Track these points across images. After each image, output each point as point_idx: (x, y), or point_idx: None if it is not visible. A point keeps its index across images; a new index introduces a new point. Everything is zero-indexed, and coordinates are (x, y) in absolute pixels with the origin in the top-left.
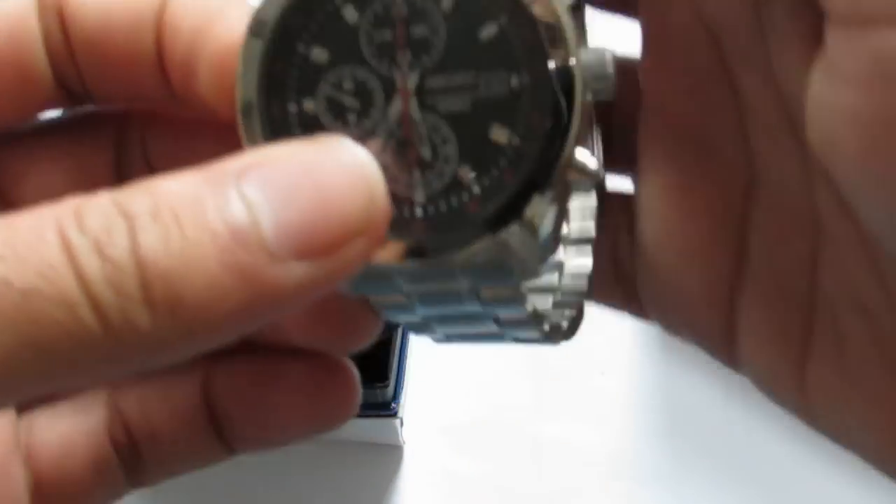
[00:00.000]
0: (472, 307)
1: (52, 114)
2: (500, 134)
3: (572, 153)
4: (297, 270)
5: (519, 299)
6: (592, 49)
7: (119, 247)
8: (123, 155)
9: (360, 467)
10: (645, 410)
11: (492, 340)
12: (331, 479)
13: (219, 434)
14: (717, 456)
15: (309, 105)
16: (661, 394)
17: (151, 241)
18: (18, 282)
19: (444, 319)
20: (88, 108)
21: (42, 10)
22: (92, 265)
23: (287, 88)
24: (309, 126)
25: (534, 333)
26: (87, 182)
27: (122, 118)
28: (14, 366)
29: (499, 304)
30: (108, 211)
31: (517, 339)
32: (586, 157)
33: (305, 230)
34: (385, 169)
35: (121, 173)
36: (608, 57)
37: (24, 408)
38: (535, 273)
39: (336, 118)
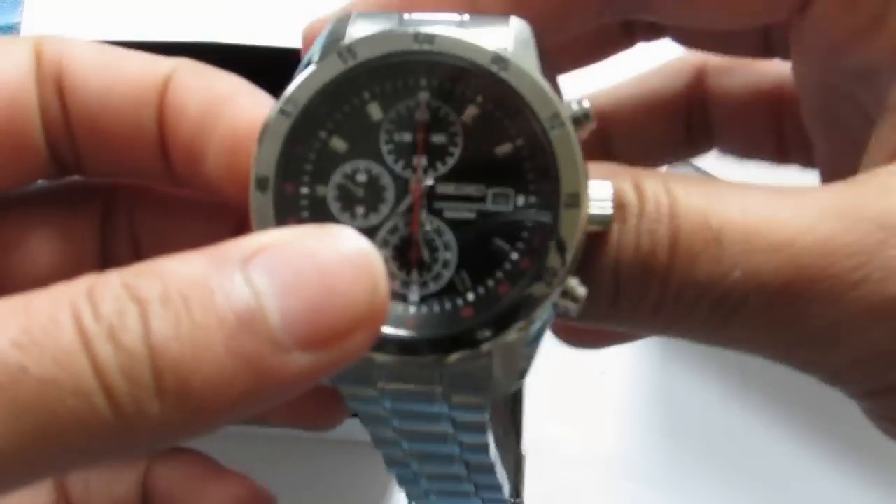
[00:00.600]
0: (441, 414)
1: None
2: (500, 247)
3: (567, 281)
4: (300, 360)
5: (484, 412)
6: (598, 184)
7: (132, 333)
8: (109, 227)
9: (360, 467)
10: (645, 410)
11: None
12: (330, 478)
13: None
14: (717, 456)
15: (321, 190)
16: (661, 394)
17: (163, 328)
18: (36, 370)
19: (412, 435)
20: (76, 178)
21: (41, 81)
22: (106, 353)
23: (303, 171)
24: (317, 211)
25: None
26: (74, 253)
27: (109, 191)
28: (29, 452)
29: (465, 410)
30: (120, 295)
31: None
32: (577, 285)
33: (310, 321)
34: (385, 264)
35: (106, 245)
36: (610, 193)
37: None
38: (504, 392)
39: (345, 207)
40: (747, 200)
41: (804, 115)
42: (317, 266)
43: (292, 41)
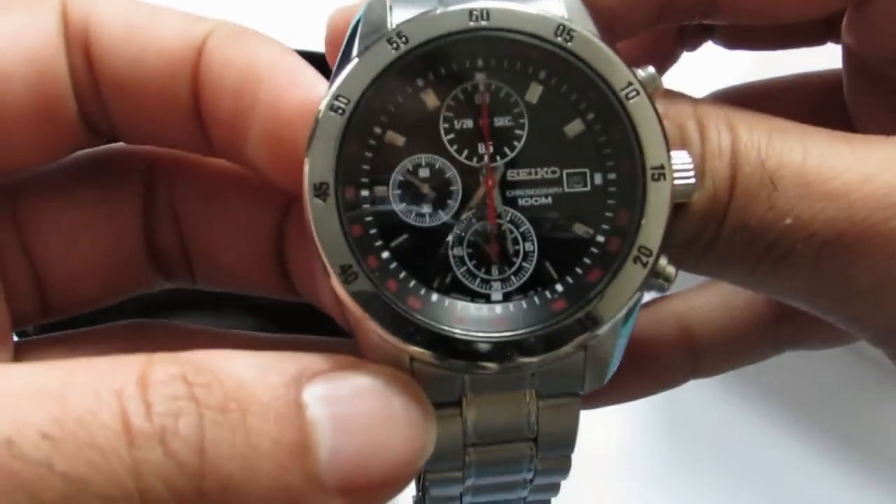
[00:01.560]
0: (521, 481)
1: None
2: (583, 231)
3: (658, 260)
4: (335, 502)
5: (565, 473)
6: (679, 154)
7: (187, 441)
8: (150, 204)
9: None
10: (645, 410)
11: None
12: None
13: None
14: (717, 456)
15: (381, 191)
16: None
17: (218, 441)
18: (64, 466)
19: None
20: (116, 146)
21: (69, 45)
22: (154, 458)
23: (361, 171)
24: (381, 215)
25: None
26: (115, 232)
27: (151, 167)
28: None
29: (550, 473)
30: (178, 391)
31: None
32: (667, 264)
33: (356, 467)
34: (460, 263)
35: (147, 225)
36: (692, 162)
37: None
38: (601, 383)
39: (410, 207)
40: (808, 142)
41: (850, 97)
42: (376, 415)
43: (301, 43)
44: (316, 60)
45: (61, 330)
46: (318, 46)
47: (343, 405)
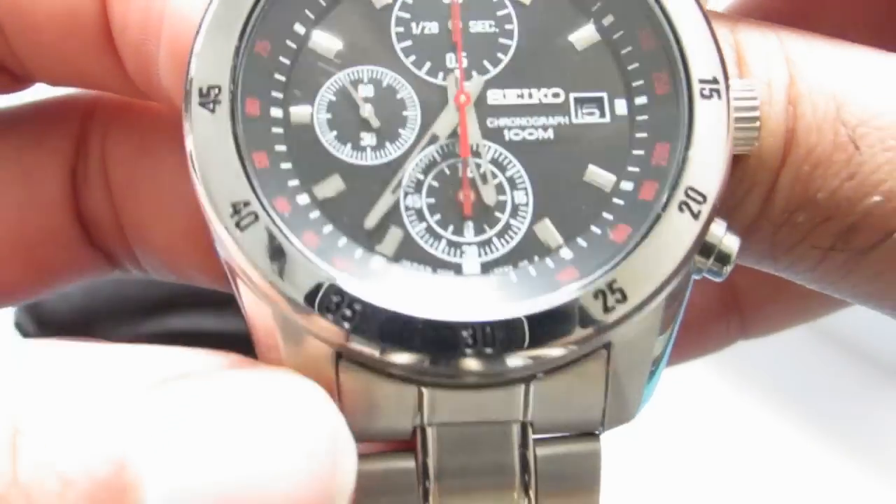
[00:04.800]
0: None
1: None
2: (600, 178)
3: (710, 224)
4: None
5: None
6: (743, 82)
7: None
8: (81, 165)
9: None
10: (644, 410)
11: None
12: None
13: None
14: (716, 455)
15: (303, 112)
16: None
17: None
18: None
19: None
20: (44, 100)
21: None
22: None
23: (273, 82)
24: (300, 142)
25: None
26: (33, 197)
27: (84, 120)
28: None
29: None
30: None
31: None
32: (724, 231)
33: None
34: (417, 218)
35: (75, 189)
36: (753, 89)
37: None
38: (630, 417)
39: (343, 137)
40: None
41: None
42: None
43: None
44: None
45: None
46: None
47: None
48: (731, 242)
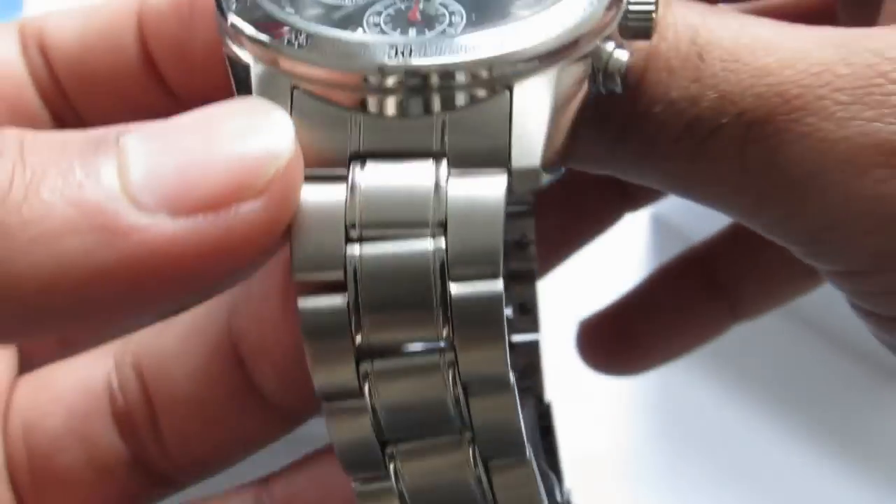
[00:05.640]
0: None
1: None
2: None
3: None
4: (166, 225)
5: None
6: None
7: None
8: None
9: None
10: (645, 410)
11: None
12: None
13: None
14: (717, 456)
15: None
16: (661, 394)
17: None
18: None
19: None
20: None
21: (25, 50)
22: None
23: None
24: None
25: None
26: None
27: None
28: None
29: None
30: None
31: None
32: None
33: (182, 180)
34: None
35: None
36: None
37: None
38: (536, 181)
39: None
40: (746, 21)
41: (841, 10)
42: (206, 120)
43: None
44: None
45: None
46: None
47: (163, 131)
48: (620, 55)
